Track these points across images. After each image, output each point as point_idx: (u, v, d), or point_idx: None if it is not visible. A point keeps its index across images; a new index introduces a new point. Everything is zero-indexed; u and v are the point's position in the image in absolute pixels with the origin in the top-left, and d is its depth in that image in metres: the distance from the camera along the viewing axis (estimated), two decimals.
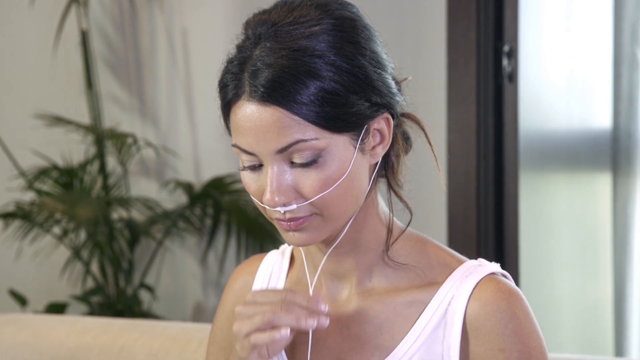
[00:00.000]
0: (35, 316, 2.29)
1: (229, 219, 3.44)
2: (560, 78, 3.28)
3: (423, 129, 1.41)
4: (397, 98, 1.36)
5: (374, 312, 1.39)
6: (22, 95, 3.83)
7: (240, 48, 1.32)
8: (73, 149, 3.70)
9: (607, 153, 3.47)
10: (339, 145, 1.30)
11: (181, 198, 3.58)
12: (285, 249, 1.53)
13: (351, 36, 1.32)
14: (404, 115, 1.41)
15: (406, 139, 1.42)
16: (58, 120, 3.49)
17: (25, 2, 3.71)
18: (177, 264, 3.65)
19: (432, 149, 1.41)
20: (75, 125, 3.48)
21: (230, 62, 1.32)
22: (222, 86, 1.32)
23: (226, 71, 1.32)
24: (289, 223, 1.31)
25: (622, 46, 3.47)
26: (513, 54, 2.98)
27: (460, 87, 3.01)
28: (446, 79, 3.04)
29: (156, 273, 3.63)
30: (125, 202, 3.47)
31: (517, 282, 2.99)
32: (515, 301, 1.34)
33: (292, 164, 1.30)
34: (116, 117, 3.67)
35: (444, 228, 3.08)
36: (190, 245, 3.62)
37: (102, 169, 3.56)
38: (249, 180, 1.33)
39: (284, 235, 1.33)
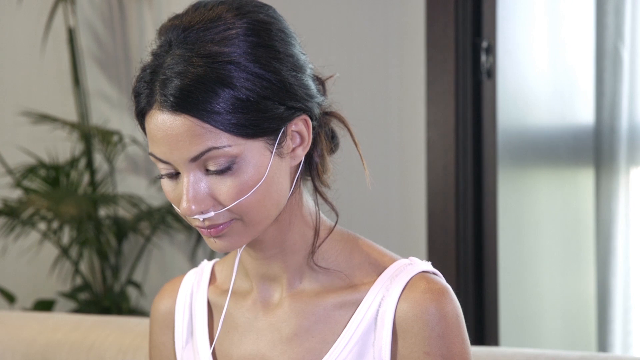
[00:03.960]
0: (8, 313, 2.29)
1: None
2: (541, 74, 3.28)
3: (347, 128, 1.39)
4: (317, 100, 1.34)
5: (304, 315, 1.38)
6: (11, 93, 3.84)
7: (153, 55, 1.30)
8: (59, 146, 3.71)
9: (589, 148, 3.47)
10: (253, 151, 1.28)
11: None
12: (205, 266, 1.51)
13: (265, 40, 1.29)
14: (328, 114, 1.39)
15: (332, 137, 1.39)
16: (44, 118, 3.50)
17: None
18: (166, 261, 3.66)
19: (357, 149, 1.39)
20: (61, 122, 3.49)
21: (143, 69, 1.30)
22: (136, 95, 1.30)
23: (139, 79, 1.30)
24: (209, 230, 1.30)
25: (604, 41, 3.46)
26: (491, 50, 2.98)
27: (439, 83, 3.01)
28: (425, 75, 3.04)
29: (144, 270, 3.64)
30: (110, 199, 3.47)
31: (495, 277, 3.00)
32: (445, 301, 1.33)
33: (208, 171, 1.28)
34: (105, 114, 3.68)
35: (424, 224, 3.08)
36: (180, 241, 3.63)
37: (89, 166, 3.57)
38: (167, 188, 1.32)
39: (207, 241, 1.32)
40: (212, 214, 1.29)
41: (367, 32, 3.17)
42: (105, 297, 3.49)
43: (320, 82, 1.37)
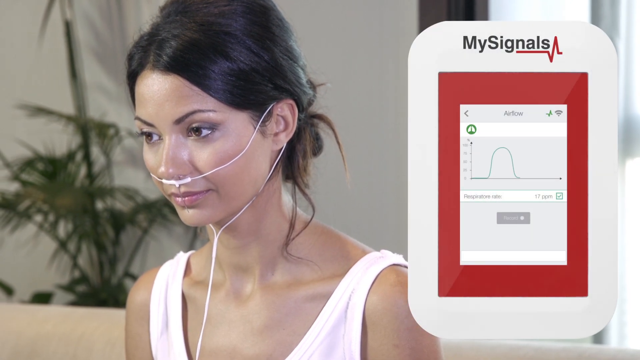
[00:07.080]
0: None
1: None
2: None
3: (332, 128, 1.41)
4: (305, 89, 1.37)
5: (275, 307, 1.38)
6: (8, 86, 3.85)
7: (152, 25, 1.34)
8: (57, 139, 3.72)
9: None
10: (237, 122, 1.31)
11: None
12: (181, 257, 1.52)
13: (262, 21, 1.33)
14: (315, 116, 1.41)
15: (316, 139, 1.42)
16: (40, 111, 3.51)
17: None
18: (164, 253, 3.67)
19: (340, 150, 1.41)
20: (57, 115, 3.50)
21: (141, 37, 1.34)
22: (129, 58, 1.34)
23: (135, 44, 1.34)
24: (184, 199, 1.31)
25: None
26: None
27: None
28: None
29: (142, 262, 3.65)
30: (107, 192, 3.49)
31: None
32: None
33: (189, 136, 1.31)
34: (102, 107, 3.69)
35: None
36: (178, 234, 3.64)
37: (87, 159, 3.58)
38: (148, 155, 1.34)
39: (180, 213, 1.34)
40: (188, 179, 1.30)
41: (357, 25, 3.17)
42: (103, 290, 3.50)
43: (312, 85, 1.40)
